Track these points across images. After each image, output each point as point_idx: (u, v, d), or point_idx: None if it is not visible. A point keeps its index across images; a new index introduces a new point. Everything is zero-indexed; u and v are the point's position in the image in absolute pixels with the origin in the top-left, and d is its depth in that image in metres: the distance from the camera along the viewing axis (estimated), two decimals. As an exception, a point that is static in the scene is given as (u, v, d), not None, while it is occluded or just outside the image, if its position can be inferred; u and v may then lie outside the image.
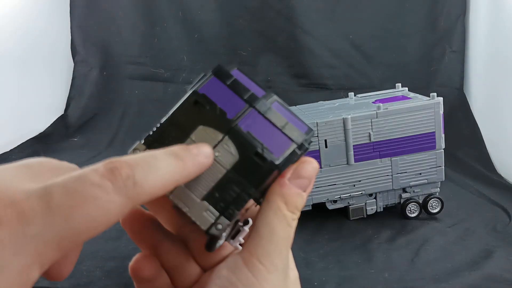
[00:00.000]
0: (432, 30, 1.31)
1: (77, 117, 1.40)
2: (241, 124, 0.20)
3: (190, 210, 0.19)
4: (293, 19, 1.35)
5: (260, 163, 0.20)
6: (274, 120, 0.21)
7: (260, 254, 0.20)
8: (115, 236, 0.71)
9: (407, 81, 1.02)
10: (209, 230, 0.19)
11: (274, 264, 0.20)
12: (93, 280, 0.61)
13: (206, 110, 0.20)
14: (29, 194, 0.15)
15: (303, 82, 1.37)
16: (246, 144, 0.20)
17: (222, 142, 0.20)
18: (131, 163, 0.17)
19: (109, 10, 1.42)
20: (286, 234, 0.21)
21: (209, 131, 0.20)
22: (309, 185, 0.22)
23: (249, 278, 0.20)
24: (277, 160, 0.20)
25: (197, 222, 0.19)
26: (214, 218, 0.19)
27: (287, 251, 0.22)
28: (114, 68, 1.44)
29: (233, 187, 0.20)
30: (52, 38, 1.40)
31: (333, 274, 0.63)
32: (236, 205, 0.20)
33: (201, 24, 1.40)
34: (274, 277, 0.20)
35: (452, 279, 0.61)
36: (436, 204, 0.80)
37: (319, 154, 0.75)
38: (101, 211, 0.15)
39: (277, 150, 0.20)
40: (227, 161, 0.20)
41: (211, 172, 0.20)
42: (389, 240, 0.73)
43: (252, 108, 0.21)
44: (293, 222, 0.21)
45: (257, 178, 0.20)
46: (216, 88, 0.21)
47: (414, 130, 0.76)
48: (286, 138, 0.20)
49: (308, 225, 0.78)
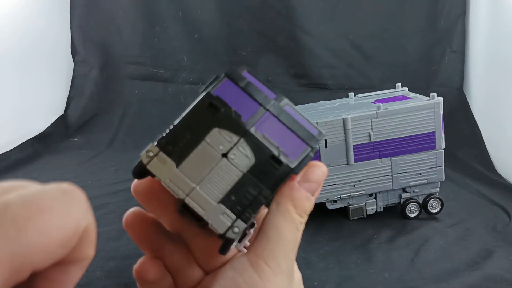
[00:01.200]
0: (432, 30, 1.31)
1: (77, 117, 1.40)
2: (256, 127, 0.20)
3: (206, 213, 0.19)
4: (293, 19, 1.35)
5: (276, 167, 0.20)
6: (289, 124, 0.21)
7: (267, 256, 0.20)
8: (115, 236, 0.71)
9: (407, 81, 1.02)
10: (225, 233, 0.19)
11: (280, 267, 0.20)
12: (93, 280, 0.61)
13: (221, 113, 0.20)
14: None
15: (303, 82, 1.37)
16: (262, 147, 0.20)
17: (237, 144, 0.20)
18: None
19: (109, 10, 1.42)
20: (294, 238, 0.21)
21: (224, 133, 0.20)
22: (318, 189, 0.22)
23: (254, 279, 0.20)
24: (293, 163, 0.20)
25: (214, 226, 0.19)
26: (231, 221, 0.19)
27: (294, 254, 0.21)
28: (114, 68, 1.44)
29: (249, 190, 0.20)
30: (52, 38, 1.40)
31: (333, 274, 0.63)
32: (253, 208, 0.20)
33: (201, 24, 1.40)
34: (279, 279, 0.20)
35: (452, 279, 0.61)
36: (436, 204, 0.80)
37: (319, 154, 0.75)
38: (56, 224, 0.14)
39: (292, 153, 0.20)
40: (243, 164, 0.20)
41: (227, 175, 0.20)
42: (389, 240, 0.73)
43: (267, 111, 0.21)
44: (301, 225, 0.21)
45: (273, 182, 0.20)
46: (230, 90, 0.21)
47: (414, 130, 0.76)
48: (301, 142, 0.21)
49: (308, 225, 0.77)
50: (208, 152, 0.20)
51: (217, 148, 0.20)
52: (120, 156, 1.22)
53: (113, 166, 1.14)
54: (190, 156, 0.20)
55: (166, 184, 0.19)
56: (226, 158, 0.20)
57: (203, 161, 0.20)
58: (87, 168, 1.15)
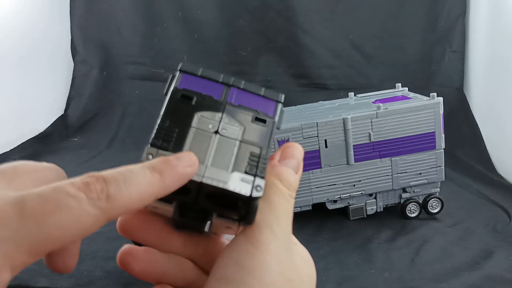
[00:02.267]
0: (432, 30, 1.31)
1: (77, 117, 1.40)
2: (230, 100, 0.23)
3: (228, 184, 0.20)
4: (293, 19, 1.35)
5: (263, 125, 0.22)
6: (254, 90, 0.23)
7: (259, 225, 0.21)
8: (115, 236, 0.71)
9: (407, 81, 1.02)
10: (251, 194, 0.20)
11: (275, 233, 0.21)
12: (93, 280, 0.61)
13: (195, 100, 0.22)
14: (4, 200, 0.15)
15: (303, 82, 1.37)
16: (244, 114, 0.22)
17: (222, 119, 0.22)
18: (107, 178, 0.17)
19: (109, 10, 1.42)
20: (284, 207, 0.22)
21: (207, 114, 0.22)
22: (299, 166, 0.24)
23: (250, 251, 0.20)
24: (274, 118, 0.23)
25: (241, 192, 0.20)
26: (251, 181, 0.21)
27: (287, 224, 0.22)
28: (114, 68, 1.44)
29: (252, 150, 0.22)
30: (52, 38, 1.40)
31: (333, 274, 0.63)
32: (263, 164, 0.21)
33: (201, 24, 1.40)
34: (275, 246, 0.20)
35: (452, 279, 0.61)
36: (436, 204, 0.80)
37: (319, 154, 0.75)
38: (73, 220, 0.16)
39: (269, 111, 0.23)
40: (235, 133, 0.22)
41: (227, 147, 0.21)
42: (389, 240, 0.73)
43: (232, 86, 0.23)
44: (290, 198, 0.22)
45: (265, 137, 0.22)
46: (191, 81, 0.23)
47: (414, 130, 0.76)
48: (271, 101, 0.24)
49: (308, 225, 0.78)
50: (201, 135, 0.21)
51: (207, 128, 0.21)
52: (120, 156, 1.22)
53: (113, 166, 1.14)
54: (186, 144, 0.21)
55: None
56: (219, 134, 0.21)
57: (200, 144, 0.21)
58: (87, 168, 1.15)
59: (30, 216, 0.15)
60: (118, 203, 0.17)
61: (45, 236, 0.15)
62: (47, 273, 0.61)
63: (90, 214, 0.16)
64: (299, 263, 0.22)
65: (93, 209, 0.16)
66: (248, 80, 0.24)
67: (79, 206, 0.16)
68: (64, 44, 1.44)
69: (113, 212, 0.17)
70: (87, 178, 0.17)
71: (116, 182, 0.17)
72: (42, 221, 0.15)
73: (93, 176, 0.17)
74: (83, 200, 0.16)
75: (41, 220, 0.15)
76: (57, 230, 0.15)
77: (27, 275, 0.60)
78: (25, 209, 0.15)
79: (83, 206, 0.16)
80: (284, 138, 0.73)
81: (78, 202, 0.16)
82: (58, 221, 0.15)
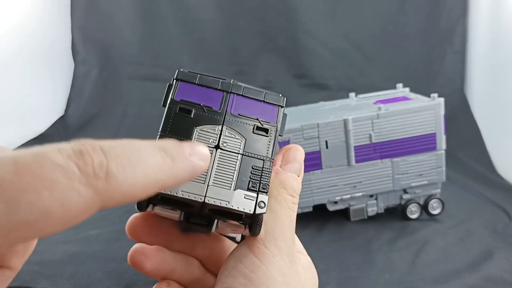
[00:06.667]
0: (433, 31, 1.31)
1: (77, 117, 1.40)
2: (229, 110, 0.22)
3: (231, 203, 0.20)
4: (293, 19, 1.35)
5: (264, 134, 0.22)
6: (254, 96, 0.23)
7: (264, 238, 0.21)
8: (116, 237, 0.71)
9: (408, 81, 1.02)
10: (255, 211, 0.20)
11: (279, 247, 0.21)
12: (94, 281, 0.61)
13: (193, 113, 0.21)
14: None
15: (303, 82, 1.37)
16: (244, 124, 0.22)
17: (223, 132, 0.21)
18: (106, 149, 0.13)
19: (109, 10, 1.42)
20: (289, 218, 0.22)
21: (206, 128, 0.21)
22: (301, 169, 0.23)
23: (255, 263, 0.20)
24: (276, 125, 0.22)
25: (245, 210, 0.20)
26: (254, 198, 0.20)
27: (291, 235, 0.22)
28: (114, 68, 1.44)
29: (254, 164, 0.21)
30: (53, 39, 1.40)
31: (333, 275, 0.63)
32: (266, 177, 0.21)
33: (201, 24, 1.40)
34: (279, 260, 0.21)
35: (453, 280, 0.61)
36: (437, 205, 0.79)
37: (320, 155, 0.75)
38: (58, 202, 0.11)
39: (271, 118, 0.22)
40: (236, 146, 0.21)
41: (229, 162, 0.21)
42: (390, 242, 0.73)
43: (231, 93, 0.22)
44: (294, 206, 0.22)
45: (268, 148, 0.22)
46: (188, 90, 0.22)
47: (415, 131, 0.76)
48: (271, 106, 0.23)
49: (309, 226, 0.78)
50: None
51: (207, 143, 0.21)
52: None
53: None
54: None
55: (180, 197, 0.20)
56: (220, 149, 0.21)
57: None
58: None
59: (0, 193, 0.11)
60: (119, 185, 0.12)
61: (15, 222, 0.11)
62: (48, 274, 0.61)
63: (81, 196, 0.12)
64: (302, 273, 0.23)
65: (85, 190, 0.12)
66: (248, 81, 0.23)
67: (68, 182, 0.11)
68: (64, 44, 1.44)
69: (110, 198, 0.12)
70: (80, 145, 0.12)
71: (118, 158, 0.13)
72: (13, 199, 0.11)
73: (88, 144, 0.13)
74: (75, 175, 0.12)
75: (12, 198, 0.11)
76: (34, 215, 0.11)
77: (28, 276, 0.60)
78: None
79: (73, 184, 0.12)
80: (284, 139, 0.73)
81: (68, 177, 0.12)
82: (37, 201, 0.11)
